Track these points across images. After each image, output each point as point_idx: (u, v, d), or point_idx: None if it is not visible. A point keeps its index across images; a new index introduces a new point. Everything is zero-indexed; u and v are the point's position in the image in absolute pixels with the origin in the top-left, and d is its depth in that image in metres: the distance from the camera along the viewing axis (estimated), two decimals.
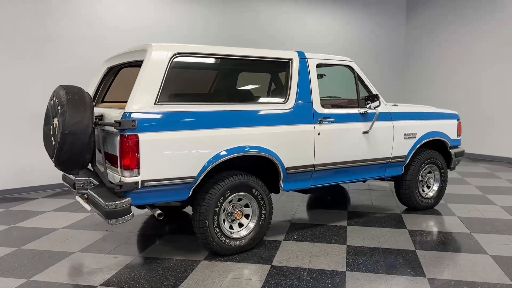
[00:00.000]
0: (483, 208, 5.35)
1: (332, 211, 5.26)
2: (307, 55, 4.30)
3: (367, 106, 4.47)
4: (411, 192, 5.05)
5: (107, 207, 3.21)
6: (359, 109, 4.52)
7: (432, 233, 4.38)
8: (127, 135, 3.24)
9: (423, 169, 5.14)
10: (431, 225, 4.66)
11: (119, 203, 3.23)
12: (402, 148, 4.87)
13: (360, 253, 3.85)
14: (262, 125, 3.87)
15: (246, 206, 3.95)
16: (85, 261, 3.77)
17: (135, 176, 3.28)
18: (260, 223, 3.95)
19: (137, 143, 3.26)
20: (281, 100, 4.07)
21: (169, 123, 3.41)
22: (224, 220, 3.83)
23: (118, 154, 3.30)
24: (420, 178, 5.18)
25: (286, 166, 4.02)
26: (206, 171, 3.57)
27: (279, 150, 3.96)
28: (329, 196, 6.11)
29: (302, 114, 4.12)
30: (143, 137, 3.29)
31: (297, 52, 4.27)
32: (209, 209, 3.65)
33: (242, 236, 3.87)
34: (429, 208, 5.26)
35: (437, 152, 5.25)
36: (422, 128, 5.02)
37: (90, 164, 3.80)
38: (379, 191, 6.32)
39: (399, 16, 11.15)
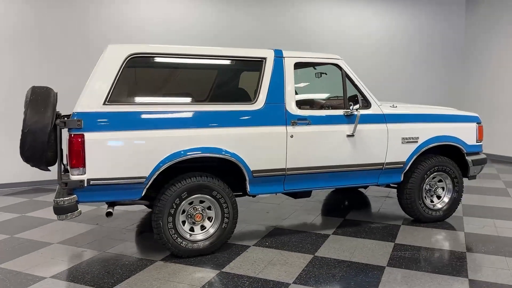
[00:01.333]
0: (504, 224, 4.69)
1: (327, 218, 4.96)
2: (285, 53, 4.09)
3: (350, 107, 4.14)
4: (413, 202, 4.58)
5: (55, 203, 3.35)
6: (345, 110, 4.21)
7: (418, 249, 3.94)
8: (73, 134, 3.34)
9: (430, 177, 4.64)
10: (424, 240, 4.19)
11: (65, 200, 3.35)
12: (400, 153, 4.43)
13: (321, 265, 3.59)
14: (224, 126, 3.76)
15: (210, 208, 3.88)
16: (55, 252, 3.96)
17: (81, 175, 3.38)
18: (223, 227, 3.85)
19: (82, 142, 3.35)
20: (249, 100, 3.93)
21: (118, 123, 3.46)
22: (184, 222, 3.79)
23: (67, 152, 3.42)
24: (427, 187, 4.69)
25: (252, 169, 3.87)
26: (158, 172, 3.56)
27: (243, 152, 3.82)
28: (347, 201, 5.78)
29: (273, 115, 3.94)
30: (89, 136, 3.37)
31: (274, 50, 4.08)
32: (164, 210, 3.63)
33: (200, 240, 3.80)
34: (436, 220, 4.73)
35: (448, 158, 4.71)
36: (426, 131, 4.53)
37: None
38: (396, 199, 5.83)
39: (457, 11, 10.16)
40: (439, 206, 4.74)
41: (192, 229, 3.83)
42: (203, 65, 3.92)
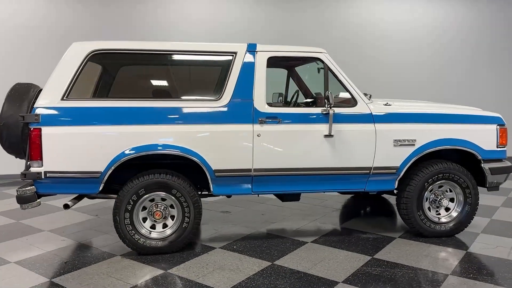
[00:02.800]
0: None
1: (320, 224, 4.60)
2: (259, 47, 3.87)
3: (325, 106, 3.78)
4: (410, 213, 4.05)
5: (17, 193, 3.54)
6: (323, 108, 3.85)
7: (394, 267, 3.45)
8: (32, 128, 3.49)
9: (433, 185, 4.07)
10: (409, 256, 3.67)
11: (25, 190, 3.53)
12: (391, 157, 3.95)
13: (270, 275, 3.32)
14: (184, 123, 3.66)
15: (173, 207, 3.81)
16: (39, 239, 4.20)
17: (39, 167, 3.52)
18: (183, 226, 3.76)
19: (39, 136, 3.48)
20: (215, 97, 3.77)
21: (74, 118, 3.54)
22: (145, 219, 3.77)
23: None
24: (431, 197, 4.12)
25: (214, 168, 3.72)
26: (112, 167, 3.57)
27: (204, 151, 3.68)
28: (362, 208, 5.35)
29: (239, 112, 3.74)
30: (46, 130, 3.49)
31: (248, 44, 3.88)
32: (121, 206, 3.65)
33: (158, 238, 3.74)
34: (441, 236, 4.13)
35: (458, 165, 4.07)
36: (426, 133, 3.97)
37: None
38: None
39: None
40: (444, 220, 4.13)
41: (153, 227, 3.80)
42: (168, 61, 3.86)
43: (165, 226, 3.81)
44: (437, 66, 8.58)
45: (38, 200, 3.59)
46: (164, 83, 4.00)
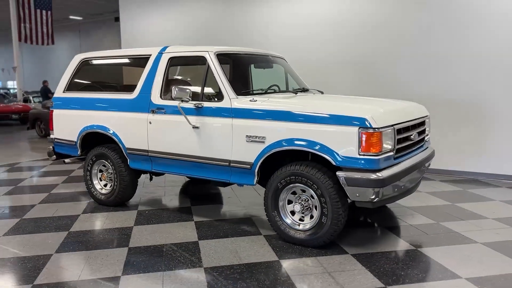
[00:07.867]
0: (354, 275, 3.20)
1: (245, 212, 4.82)
2: (168, 49, 4.68)
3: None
4: (267, 211, 3.92)
5: (47, 149, 5.75)
6: (196, 102, 4.26)
7: (190, 250, 3.71)
8: (50, 110, 5.58)
9: (292, 187, 3.80)
10: (221, 250, 3.72)
11: (49, 148, 5.68)
12: (246, 152, 3.98)
13: (111, 232, 4.26)
14: (112, 110, 4.95)
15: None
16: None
17: (53, 135, 5.58)
18: (114, 188, 5.05)
19: (52, 115, 5.53)
20: (131, 91, 4.83)
21: (66, 104, 5.42)
22: (100, 178, 5.26)
23: None
24: (298, 200, 3.84)
25: (126, 146, 4.84)
26: (80, 138, 5.23)
27: (120, 132, 4.87)
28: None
29: (141, 103, 4.71)
30: (55, 112, 5.52)
31: (162, 47, 4.75)
32: (85, 167, 5.29)
33: (101, 193, 5.17)
34: (298, 243, 3.79)
35: (314, 170, 3.62)
36: (276, 131, 3.78)
37: None
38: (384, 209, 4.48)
39: None
40: (299, 227, 3.78)
41: (106, 185, 5.25)
42: (115, 63, 5.17)
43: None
44: None
45: (54, 155, 5.66)
46: (109, 80, 5.36)
